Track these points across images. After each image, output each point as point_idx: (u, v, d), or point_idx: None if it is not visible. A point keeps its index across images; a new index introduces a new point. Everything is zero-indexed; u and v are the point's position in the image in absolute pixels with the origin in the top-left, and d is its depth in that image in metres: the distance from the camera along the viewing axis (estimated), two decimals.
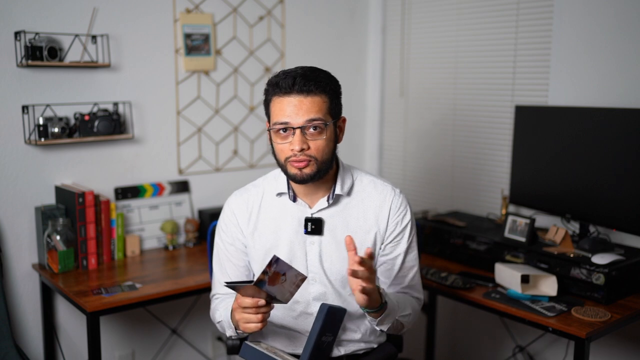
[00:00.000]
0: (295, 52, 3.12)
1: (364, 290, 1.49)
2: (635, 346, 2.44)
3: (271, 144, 1.69)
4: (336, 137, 1.69)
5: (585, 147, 2.28)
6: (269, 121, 1.68)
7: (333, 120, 1.66)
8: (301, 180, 1.65)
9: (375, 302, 1.57)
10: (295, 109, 1.59)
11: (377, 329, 1.71)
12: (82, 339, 2.57)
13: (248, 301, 1.51)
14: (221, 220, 1.83)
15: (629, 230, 2.17)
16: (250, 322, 1.54)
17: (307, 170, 1.63)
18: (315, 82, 1.60)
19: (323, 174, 1.67)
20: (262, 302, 1.50)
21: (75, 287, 2.23)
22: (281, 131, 1.62)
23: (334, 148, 1.69)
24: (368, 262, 1.50)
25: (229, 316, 1.68)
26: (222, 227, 1.82)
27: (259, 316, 1.52)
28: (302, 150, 1.60)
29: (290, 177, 1.67)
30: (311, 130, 1.61)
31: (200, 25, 2.80)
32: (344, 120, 1.73)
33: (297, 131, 1.60)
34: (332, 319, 1.61)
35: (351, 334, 1.78)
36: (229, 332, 1.72)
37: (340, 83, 1.71)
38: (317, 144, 1.62)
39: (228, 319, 1.69)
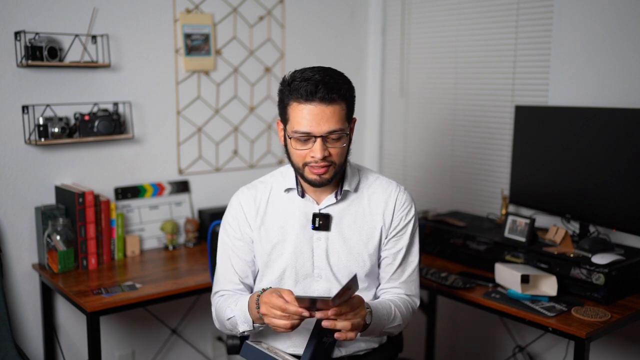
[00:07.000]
0: (295, 52, 3.12)
1: (352, 328, 1.50)
2: (635, 346, 2.44)
3: (285, 144, 1.70)
4: (350, 139, 1.71)
5: (585, 147, 2.28)
6: (282, 121, 1.68)
7: (349, 125, 1.67)
8: (320, 185, 1.68)
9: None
10: (317, 118, 1.59)
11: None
12: (82, 339, 2.56)
13: (292, 309, 1.49)
14: (228, 214, 1.82)
15: (629, 230, 2.17)
16: (281, 327, 1.53)
17: (326, 176, 1.66)
18: (337, 90, 1.59)
19: (339, 175, 1.70)
20: (305, 313, 1.50)
21: (75, 287, 2.23)
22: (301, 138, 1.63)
23: (349, 150, 1.71)
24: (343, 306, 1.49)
25: (246, 311, 1.65)
26: (228, 221, 1.81)
27: (293, 322, 1.52)
28: (324, 158, 1.62)
29: (308, 182, 1.69)
30: (331, 138, 1.62)
31: (200, 25, 2.80)
32: (354, 121, 1.74)
33: (319, 140, 1.61)
34: None
35: None
36: (243, 327, 1.67)
37: None
38: (337, 151, 1.64)
39: (245, 314, 1.65)
